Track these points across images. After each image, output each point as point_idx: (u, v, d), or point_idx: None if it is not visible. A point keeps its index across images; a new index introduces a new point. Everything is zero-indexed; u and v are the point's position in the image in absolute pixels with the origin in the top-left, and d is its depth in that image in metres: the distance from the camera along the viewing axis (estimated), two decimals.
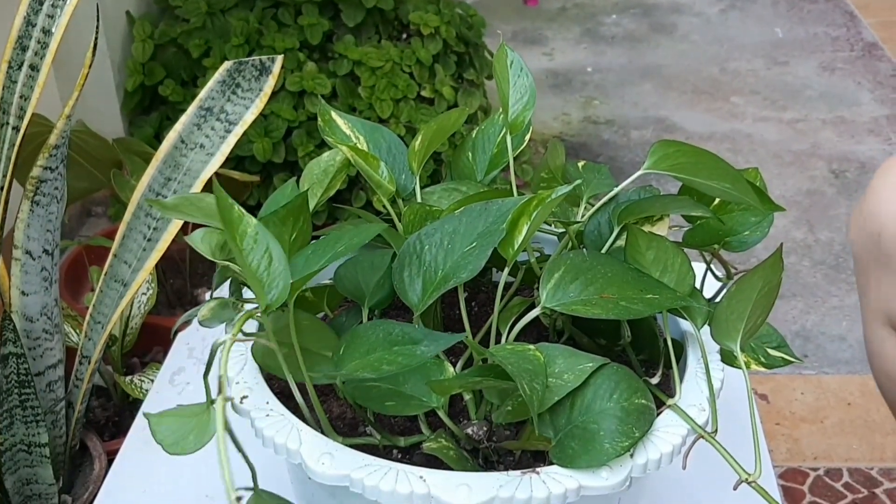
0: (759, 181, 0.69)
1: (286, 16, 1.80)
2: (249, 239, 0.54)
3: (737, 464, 0.53)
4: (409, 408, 0.56)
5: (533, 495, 0.51)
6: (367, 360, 0.54)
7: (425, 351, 0.52)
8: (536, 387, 0.52)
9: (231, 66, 0.94)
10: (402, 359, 0.53)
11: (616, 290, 0.57)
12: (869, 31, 2.92)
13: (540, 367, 0.54)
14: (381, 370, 0.52)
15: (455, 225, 0.58)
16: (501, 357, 0.54)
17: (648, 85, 2.67)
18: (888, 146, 2.34)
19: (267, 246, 0.53)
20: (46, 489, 1.05)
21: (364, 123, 0.73)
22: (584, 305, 0.56)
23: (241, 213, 0.55)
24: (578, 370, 0.55)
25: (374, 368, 0.52)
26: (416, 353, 0.52)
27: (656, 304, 0.57)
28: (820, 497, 1.35)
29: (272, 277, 0.52)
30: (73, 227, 1.95)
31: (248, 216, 0.54)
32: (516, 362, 0.54)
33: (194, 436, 0.49)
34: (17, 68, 0.97)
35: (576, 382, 0.54)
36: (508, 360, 0.53)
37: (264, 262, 0.53)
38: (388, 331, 0.55)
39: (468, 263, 0.56)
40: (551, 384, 0.54)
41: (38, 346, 1.03)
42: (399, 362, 0.52)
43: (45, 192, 0.98)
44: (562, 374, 0.55)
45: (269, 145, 1.72)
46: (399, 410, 0.56)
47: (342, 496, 0.56)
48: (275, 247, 0.53)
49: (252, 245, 0.53)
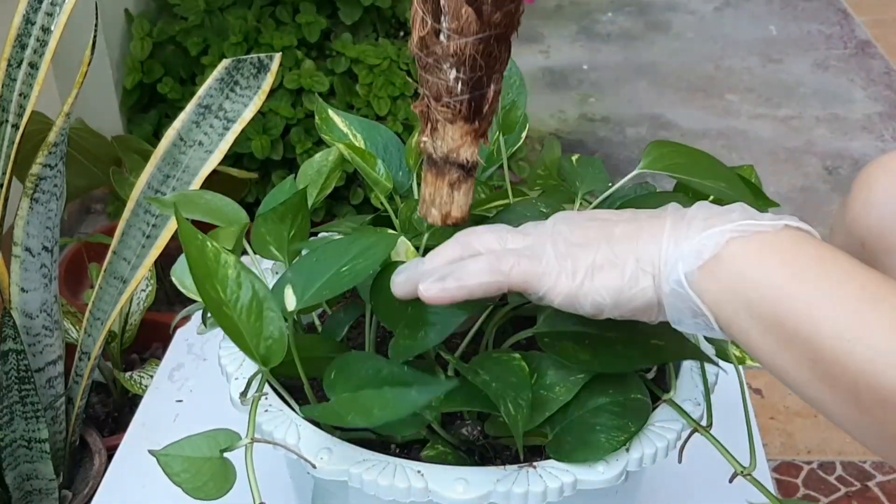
0: (755, 178, 0.69)
1: (284, 14, 1.81)
2: (232, 283, 0.50)
3: (732, 457, 0.54)
4: (405, 427, 0.55)
5: (530, 489, 0.52)
6: (357, 396, 0.52)
7: (416, 397, 0.50)
8: (521, 403, 0.52)
9: (229, 64, 0.94)
10: (393, 404, 0.51)
11: (617, 334, 0.56)
12: (862, 29, 2.92)
13: (525, 379, 0.54)
14: (372, 416, 0.50)
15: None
16: (484, 369, 0.53)
17: (644, 82, 2.67)
18: (881, 143, 2.35)
19: (253, 289, 0.49)
20: (46, 485, 1.06)
21: (361, 121, 0.73)
22: (575, 344, 0.55)
23: (216, 252, 0.50)
24: (570, 382, 0.55)
25: (367, 413, 0.50)
26: (407, 398, 0.50)
27: (655, 356, 0.57)
28: (814, 490, 1.36)
29: (265, 326, 0.49)
30: (73, 225, 1.95)
31: (225, 254, 0.50)
32: (500, 374, 0.53)
33: (214, 483, 0.48)
34: (16, 66, 0.98)
35: (567, 396, 0.54)
36: (492, 371, 0.53)
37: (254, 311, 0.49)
38: (377, 368, 0.53)
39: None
40: (542, 397, 0.54)
41: (37, 343, 1.04)
42: (391, 407, 0.50)
43: (45, 190, 0.98)
44: (553, 386, 0.55)
45: (268, 142, 1.73)
46: (396, 431, 0.55)
47: (341, 491, 0.57)
48: (261, 288, 0.50)
49: (236, 291, 0.50)
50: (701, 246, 0.48)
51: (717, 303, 0.47)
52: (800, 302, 0.45)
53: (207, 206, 0.66)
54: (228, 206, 0.66)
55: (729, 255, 0.47)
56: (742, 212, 0.49)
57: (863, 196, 0.66)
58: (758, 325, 0.46)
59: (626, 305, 0.50)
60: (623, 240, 0.51)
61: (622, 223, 0.52)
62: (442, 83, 0.53)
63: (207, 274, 0.50)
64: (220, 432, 0.50)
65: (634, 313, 0.51)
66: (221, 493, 0.49)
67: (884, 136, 2.38)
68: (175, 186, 0.96)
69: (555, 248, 0.51)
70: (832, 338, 0.43)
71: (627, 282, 0.50)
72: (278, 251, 0.62)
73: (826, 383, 0.44)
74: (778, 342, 0.45)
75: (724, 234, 0.47)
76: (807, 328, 0.44)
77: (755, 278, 0.46)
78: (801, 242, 0.47)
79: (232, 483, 0.49)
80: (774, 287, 0.45)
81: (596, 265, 0.50)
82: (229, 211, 0.66)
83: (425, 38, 0.52)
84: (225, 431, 0.50)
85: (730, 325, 0.48)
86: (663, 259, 0.49)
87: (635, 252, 0.50)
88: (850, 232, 0.67)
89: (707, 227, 0.48)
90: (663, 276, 0.49)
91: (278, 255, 0.62)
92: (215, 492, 0.48)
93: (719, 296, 0.47)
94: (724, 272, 0.47)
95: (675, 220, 0.50)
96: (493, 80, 0.54)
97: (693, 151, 0.61)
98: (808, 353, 0.44)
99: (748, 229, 0.47)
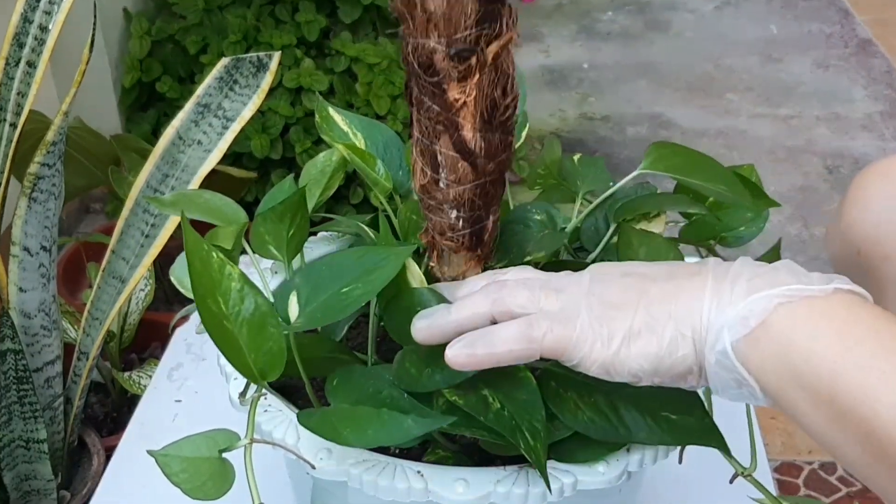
0: (755, 177, 0.69)
1: (283, 13, 1.80)
2: (235, 296, 0.49)
3: (732, 458, 0.54)
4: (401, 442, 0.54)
5: (530, 490, 0.52)
6: (355, 410, 0.52)
7: (412, 427, 0.50)
8: (537, 427, 0.50)
9: (228, 63, 0.94)
10: (388, 429, 0.50)
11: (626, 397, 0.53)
12: (862, 28, 2.92)
13: (534, 393, 0.52)
14: (367, 437, 0.50)
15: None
16: (491, 386, 0.52)
17: (643, 81, 2.67)
18: (881, 142, 2.35)
19: (255, 303, 0.49)
20: (45, 485, 1.05)
21: (361, 120, 0.73)
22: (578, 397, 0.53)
23: (221, 263, 0.49)
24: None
25: (361, 431, 0.50)
26: (403, 425, 0.50)
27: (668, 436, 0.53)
28: (815, 490, 1.36)
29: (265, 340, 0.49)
30: (71, 224, 1.95)
31: (230, 266, 0.50)
32: (509, 392, 0.52)
33: (213, 483, 0.48)
34: (14, 65, 0.98)
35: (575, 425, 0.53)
36: (500, 389, 0.52)
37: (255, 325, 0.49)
38: (378, 388, 0.52)
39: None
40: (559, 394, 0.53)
41: (36, 343, 1.04)
42: (387, 431, 0.50)
43: (43, 189, 0.98)
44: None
45: (267, 142, 1.73)
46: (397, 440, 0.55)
47: (340, 491, 0.57)
48: (264, 303, 0.49)
49: (238, 304, 0.49)
50: (747, 312, 0.45)
51: (764, 372, 0.45)
52: (854, 382, 0.42)
53: (206, 205, 0.66)
54: (228, 206, 0.66)
55: (776, 323, 0.44)
56: (789, 271, 0.46)
57: (858, 202, 0.66)
58: (808, 397, 0.44)
59: (665, 373, 0.48)
60: (660, 301, 0.48)
61: (659, 281, 0.49)
62: (445, 221, 0.57)
63: (211, 286, 0.49)
64: (219, 432, 0.50)
65: (674, 380, 0.48)
66: (220, 494, 0.48)
67: (884, 136, 2.38)
68: (174, 186, 0.95)
69: (589, 311, 0.49)
70: (890, 421, 0.41)
71: (667, 348, 0.47)
72: (277, 250, 0.61)
73: (883, 463, 0.42)
74: (828, 417, 0.43)
75: (771, 300, 0.45)
76: (862, 409, 0.42)
77: (805, 349, 0.44)
78: (853, 308, 0.45)
79: (231, 483, 0.49)
80: (827, 360, 0.43)
81: (633, 331, 0.48)
82: (228, 210, 0.65)
83: (426, 186, 0.56)
84: (224, 431, 0.50)
85: (777, 395, 0.45)
86: (705, 324, 0.46)
87: (674, 315, 0.47)
88: (847, 238, 0.67)
89: (752, 290, 0.45)
90: (707, 344, 0.46)
91: (277, 254, 0.61)
92: (214, 492, 0.48)
93: (766, 365, 0.45)
94: (772, 341, 0.44)
95: (717, 279, 0.47)
96: (492, 213, 0.57)
97: (693, 153, 0.61)
98: (863, 432, 0.42)
99: (796, 294, 0.45)
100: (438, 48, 0.53)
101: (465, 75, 0.53)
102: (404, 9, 0.54)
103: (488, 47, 0.52)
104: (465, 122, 0.54)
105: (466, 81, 0.53)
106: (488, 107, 0.53)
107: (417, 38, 0.54)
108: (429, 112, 0.55)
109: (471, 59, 0.52)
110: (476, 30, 0.52)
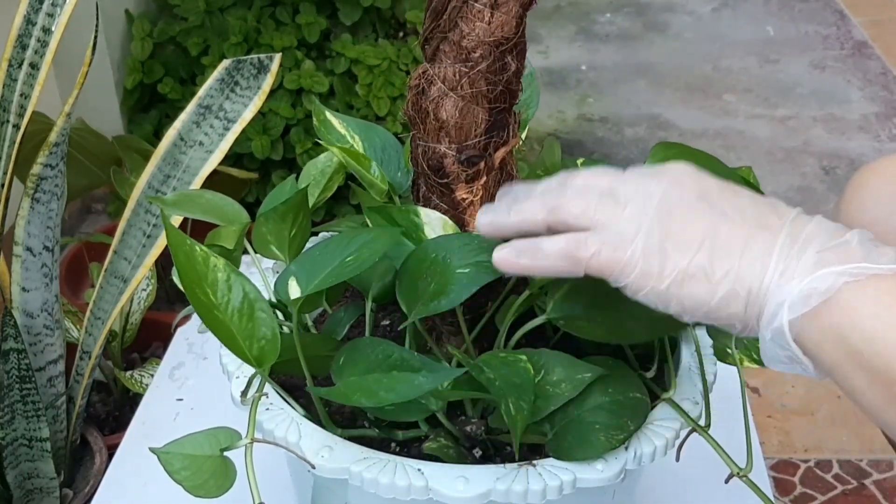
0: (753, 179, 0.70)
1: (284, 14, 1.81)
2: (222, 286, 0.50)
3: (729, 458, 0.54)
4: (409, 412, 0.55)
5: (529, 488, 0.52)
6: (364, 380, 0.53)
7: (423, 382, 0.51)
8: (523, 405, 0.52)
9: (230, 65, 0.95)
10: (400, 387, 0.51)
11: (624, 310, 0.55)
12: (859, 30, 2.93)
13: (528, 381, 0.54)
14: (378, 397, 0.51)
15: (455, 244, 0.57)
16: (490, 368, 0.54)
17: (642, 82, 2.68)
18: (878, 143, 2.35)
19: (243, 291, 0.49)
20: (48, 483, 1.06)
21: (359, 123, 0.74)
22: (589, 323, 0.56)
23: (205, 255, 0.50)
24: (576, 380, 0.55)
25: (372, 394, 0.51)
26: (414, 382, 0.51)
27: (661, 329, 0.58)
28: (810, 488, 1.36)
29: (258, 327, 0.49)
30: (73, 224, 1.95)
31: (214, 257, 0.50)
32: (505, 375, 0.53)
33: (214, 481, 0.49)
34: (17, 66, 0.98)
35: (572, 393, 0.54)
36: (497, 371, 0.53)
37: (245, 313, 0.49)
38: (388, 353, 0.54)
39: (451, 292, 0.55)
40: (548, 392, 0.55)
41: (38, 342, 1.04)
42: (397, 390, 0.51)
43: (46, 190, 0.99)
44: (559, 382, 0.55)
45: (268, 143, 1.73)
46: (400, 415, 0.56)
47: (341, 489, 0.57)
48: (252, 290, 0.50)
49: (226, 294, 0.50)
50: (810, 290, 0.44)
51: (821, 349, 0.44)
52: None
53: (208, 205, 0.66)
54: (229, 206, 0.66)
55: (839, 300, 0.43)
56: (860, 243, 0.45)
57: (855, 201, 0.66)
58: (866, 376, 0.43)
59: (709, 319, 0.47)
60: (725, 251, 0.46)
61: (733, 219, 0.47)
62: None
63: (197, 278, 0.50)
64: (220, 431, 0.51)
65: (716, 323, 0.48)
66: (221, 492, 0.49)
67: (880, 137, 2.39)
68: (175, 186, 0.96)
69: (647, 238, 0.47)
70: None
71: (717, 303, 0.46)
72: (279, 250, 0.62)
73: None
74: (886, 398, 0.43)
75: (838, 278, 0.43)
76: None
77: (868, 329, 0.43)
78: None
79: (232, 481, 0.49)
80: (890, 344, 0.42)
81: (688, 273, 0.47)
82: (230, 210, 0.66)
83: None
84: (225, 430, 0.51)
85: (832, 371, 0.45)
86: (764, 290, 0.45)
87: (734, 271, 0.46)
88: None
89: (820, 265, 0.44)
90: (764, 318, 0.46)
91: (279, 254, 0.62)
92: (215, 490, 0.49)
93: (824, 342, 0.44)
94: (832, 318, 0.44)
95: (789, 240, 0.46)
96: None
97: (697, 153, 0.62)
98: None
99: (863, 272, 0.44)
100: (449, 153, 0.57)
101: (474, 178, 0.57)
102: (416, 116, 0.57)
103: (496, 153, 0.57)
104: (471, 220, 0.59)
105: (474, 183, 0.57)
106: None
107: (428, 143, 0.57)
108: (436, 209, 0.59)
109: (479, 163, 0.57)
110: (485, 137, 0.56)
